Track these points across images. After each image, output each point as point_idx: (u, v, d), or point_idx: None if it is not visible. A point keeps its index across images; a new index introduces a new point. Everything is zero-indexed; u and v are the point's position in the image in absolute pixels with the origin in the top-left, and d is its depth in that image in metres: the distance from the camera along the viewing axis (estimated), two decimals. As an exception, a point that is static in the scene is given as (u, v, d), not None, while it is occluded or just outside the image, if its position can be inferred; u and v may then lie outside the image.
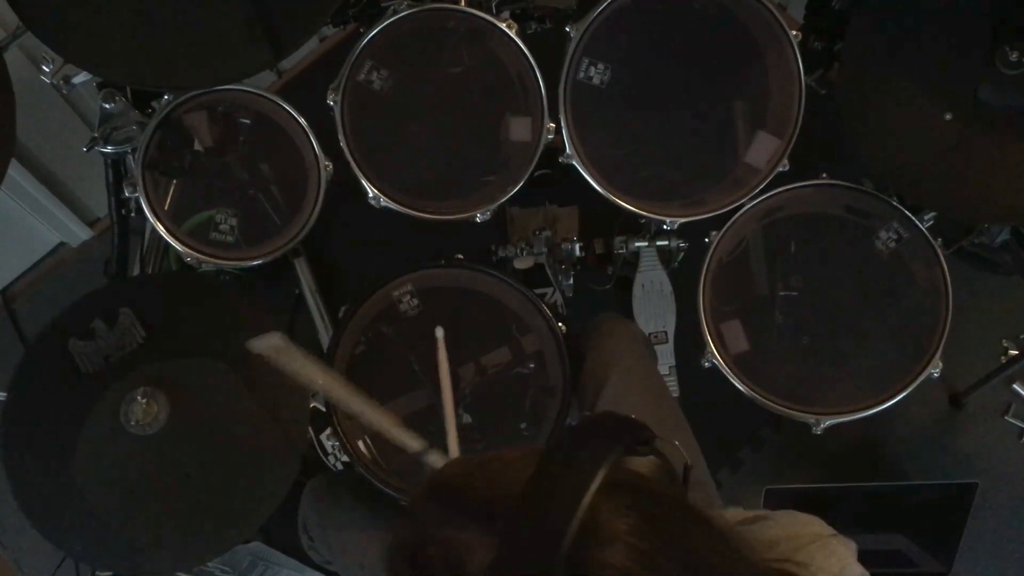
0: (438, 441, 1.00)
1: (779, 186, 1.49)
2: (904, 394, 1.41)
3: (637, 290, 1.86)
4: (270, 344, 0.86)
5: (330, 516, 1.40)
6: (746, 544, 0.62)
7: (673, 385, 1.80)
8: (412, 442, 0.95)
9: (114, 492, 1.22)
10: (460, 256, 1.45)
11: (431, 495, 0.63)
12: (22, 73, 1.49)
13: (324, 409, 1.41)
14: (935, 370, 1.41)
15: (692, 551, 0.56)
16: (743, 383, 1.45)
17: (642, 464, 0.60)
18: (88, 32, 1.25)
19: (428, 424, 1.32)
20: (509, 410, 1.44)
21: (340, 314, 1.44)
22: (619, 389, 1.31)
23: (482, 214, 1.49)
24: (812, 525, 0.80)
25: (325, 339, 1.80)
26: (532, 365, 1.45)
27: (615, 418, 0.62)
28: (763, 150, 1.50)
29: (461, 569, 0.56)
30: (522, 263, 1.76)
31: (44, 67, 1.36)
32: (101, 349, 1.26)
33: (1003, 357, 1.91)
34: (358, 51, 1.47)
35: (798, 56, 1.45)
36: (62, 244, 2.12)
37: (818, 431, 1.43)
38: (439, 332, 1.13)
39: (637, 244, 1.79)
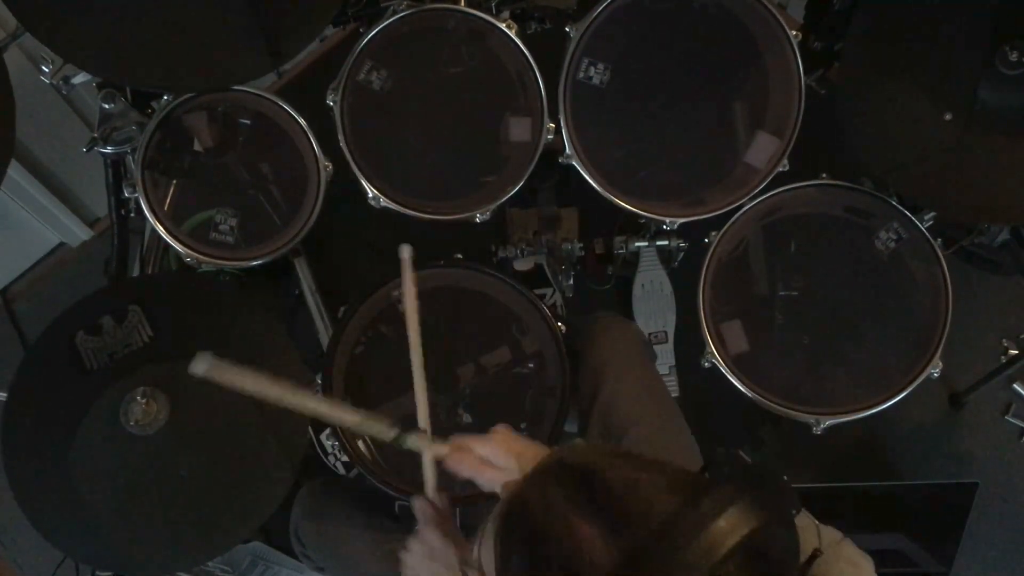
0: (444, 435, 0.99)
1: (779, 186, 1.49)
2: (904, 394, 1.41)
3: (637, 290, 1.86)
4: (204, 364, 0.82)
5: (322, 523, 1.40)
6: None
7: (673, 385, 1.80)
8: (385, 429, 0.94)
9: (114, 492, 1.22)
10: (460, 256, 1.45)
11: (567, 474, 0.63)
12: (22, 73, 1.49)
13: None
14: (935, 370, 1.41)
15: None
16: (743, 383, 1.45)
17: (776, 536, 0.60)
18: (88, 32, 1.25)
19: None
20: (509, 410, 1.44)
21: (340, 314, 1.44)
22: (617, 390, 1.31)
23: (482, 214, 1.49)
24: (833, 537, 0.80)
25: (325, 339, 1.80)
26: (532, 365, 1.45)
27: (778, 483, 0.61)
28: (763, 150, 1.50)
29: (578, 560, 0.57)
30: (522, 264, 1.76)
31: (44, 67, 1.36)
32: (107, 346, 1.26)
33: (1003, 357, 1.91)
34: (358, 51, 1.47)
35: (798, 56, 1.44)
36: (62, 244, 2.12)
37: (818, 431, 1.43)
38: (405, 252, 0.99)
39: (637, 244, 1.79)
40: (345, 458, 1.73)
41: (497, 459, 0.92)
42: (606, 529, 0.57)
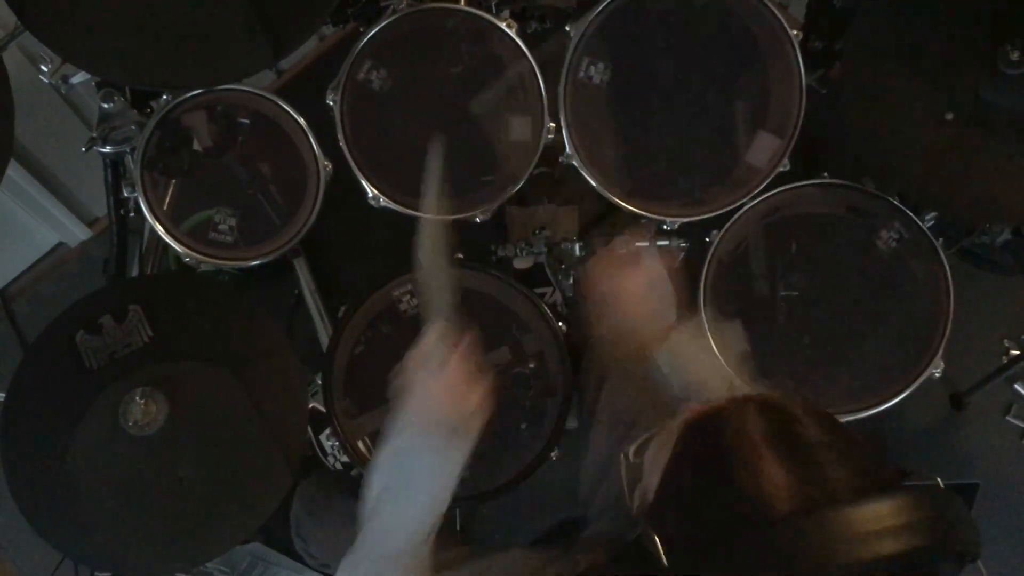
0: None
1: (780, 186, 1.48)
2: (905, 394, 1.41)
3: (637, 290, 1.85)
4: None
5: (323, 517, 1.39)
6: None
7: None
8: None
9: (112, 493, 1.22)
10: (460, 256, 1.45)
11: (772, 413, 0.63)
12: (20, 73, 1.49)
13: (323, 409, 1.41)
14: (936, 370, 1.41)
15: None
16: (743, 383, 1.44)
17: (926, 564, 0.59)
18: (86, 31, 1.25)
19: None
20: (509, 410, 1.44)
21: (340, 314, 1.44)
22: (621, 385, 1.31)
23: (482, 214, 1.49)
24: None
25: (325, 339, 1.79)
26: (532, 365, 1.44)
27: (962, 518, 0.60)
28: (764, 150, 1.50)
29: (756, 489, 0.57)
30: (522, 263, 1.76)
31: (42, 67, 1.36)
32: (107, 345, 1.26)
33: (1004, 357, 1.90)
34: (357, 51, 1.47)
35: (799, 55, 1.44)
36: (61, 244, 2.11)
37: (819, 431, 1.42)
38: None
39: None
40: (345, 458, 1.73)
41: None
42: (792, 477, 0.58)
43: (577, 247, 1.78)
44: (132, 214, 1.61)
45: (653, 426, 1.25)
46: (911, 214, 1.46)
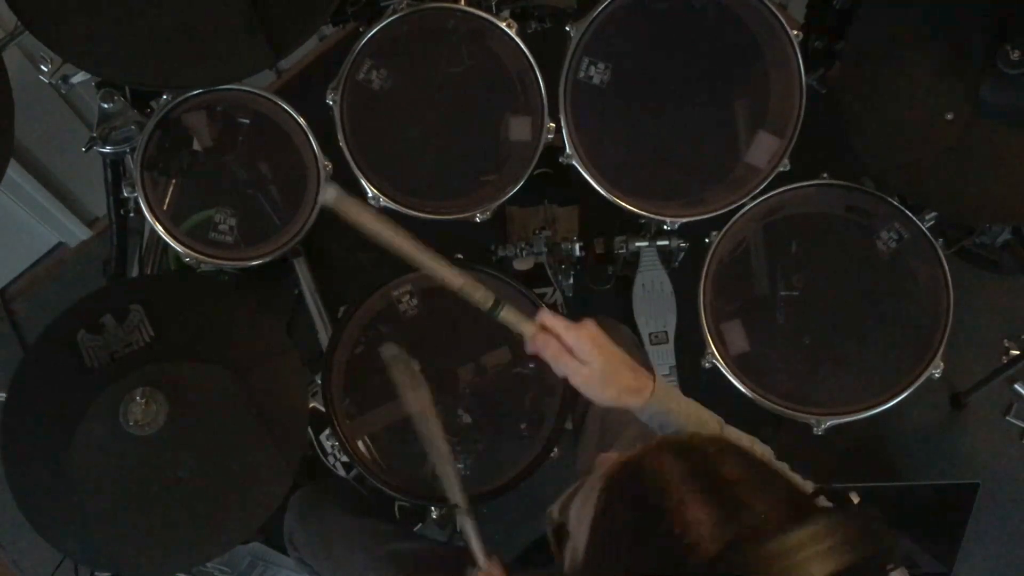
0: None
1: (780, 186, 1.48)
2: (905, 394, 1.41)
3: (637, 290, 1.85)
4: (333, 193, 0.87)
5: (315, 526, 1.39)
6: None
7: (673, 386, 1.80)
8: (483, 299, 0.94)
9: (113, 493, 1.22)
10: (460, 256, 1.45)
11: (687, 455, 0.63)
12: (20, 73, 1.49)
13: (323, 409, 1.41)
14: (936, 370, 1.41)
15: None
16: (744, 383, 1.44)
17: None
18: (86, 32, 1.25)
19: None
20: (509, 410, 1.44)
21: (340, 314, 1.44)
22: None
23: (482, 214, 1.49)
24: None
25: (325, 339, 1.79)
26: (532, 365, 1.44)
27: (882, 532, 0.61)
28: (764, 150, 1.50)
29: (682, 534, 0.58)
30: (522, 263, 1.76)
31: (42, 66, 1.36)
32: (108, 344, 1.26)
33: (1004, 357, 1.90)
34: (357, 50, 1.47)
35: (799, 55, 1.44)
36: (61, 244, 2.11)
37: (819, 432, 1.43)
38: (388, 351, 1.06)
39: (637, 244, 1.79)
40: (345, 458, 1.73)
41: (582, 350, 0.91)
42: (716, 517, 0.58)
43: (577, 247, 1.78)
44: (132, 214, 1.61)
45: (639, 441, 1.25)
46: (911, 214, 1.46)
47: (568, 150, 1.47)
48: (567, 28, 1.46)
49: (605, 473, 0.66)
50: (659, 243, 1.78)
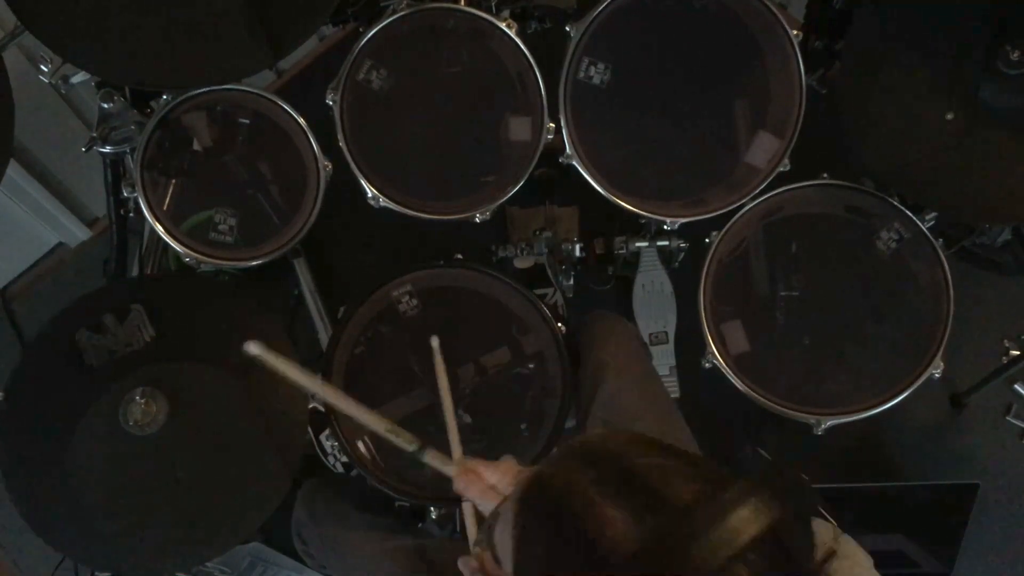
0: (439, 441, 1.00)
1: (780, 186, 1.48)
2: (905, 394, 1.41)
3: (637, 290, 1.85)
4: (257, 348, 0.90)
5: (324, 520, 1.39)
6: None
7: (673, 385, 1.80)
8: (406, 443, 0.96)
9: (112, 493, 1.22)
10: (460, 256, 1.45)
11: (591, 458, 0.63)
12: (20, 73, 1.49)
13: (323, 410, 1.41)
14: (936, 370, 1.41)
15: None
16: (743, 383, 1.44)
17: (791, 532, 0.60)
18: (86, 32, 1.25)
19: (428, 424, 1.32)
20: (509, 410, 1.44)
21: (340, 314, 1.44)
22: (617, 388, 1.31)
23: (482, 214, 1.49)
24: (828, 533, 0.81)
25: (325, 339, 1.79)
26: (532, 365, 1.44)
27: (798, 480, 0.62)
28: (763, 150, 1.50)
29: (599, 539, 0.57)
30: (522, 263, 1.76)
31: (42, 66, 1.36)
32: (108, 344, 1.26)
33: (1004, 357, 1.90)
34: (357, 50, 1.47)
35: (799, 56, 1.44)
36: (60, 244, 2.11)
37: (819, 431, 1.43)
38: (435, 342, 1.12)
39: (637, 244, 1.79)
40: (345, 459, 1.73)
41: (505, 488, 0.93)
42: (631, 513, 0.57)
43: (577, 247, 1.78)
44: (132, 214, 1.61)
45: (652, 429, 1.26)
46: (911, 214, 1.46)
47: (568, 150, 1.47)
48: (567, 28, 1.46)
49: (518, 496, 0.65)
50: (659, 243, 1.78)
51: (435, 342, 1.12)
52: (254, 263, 1.51)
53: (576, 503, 0.60)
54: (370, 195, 1.48)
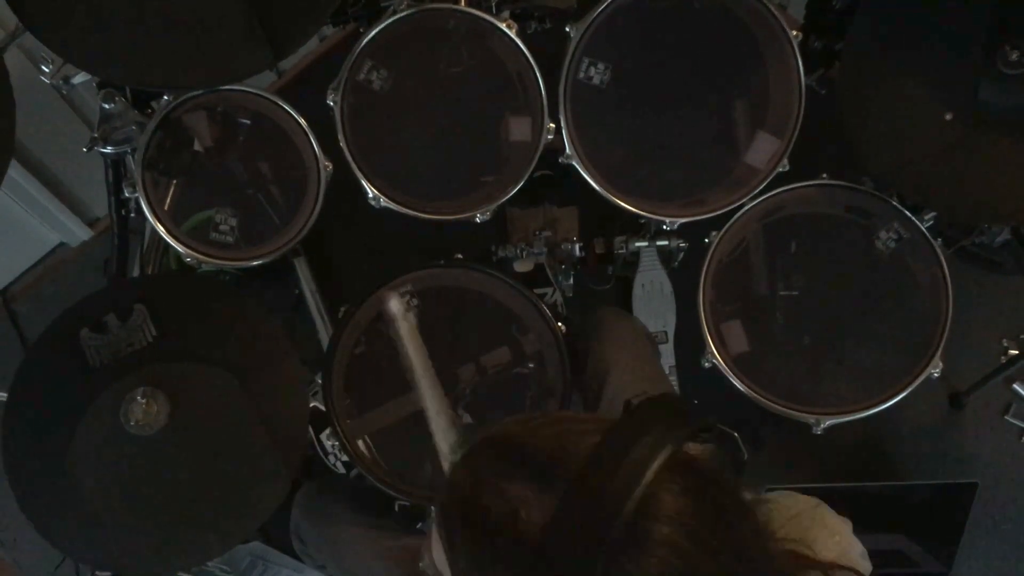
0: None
1: (779, 186, 1.49)
2: (904, 394, 1.41)
3: (637, 290, 1.86)
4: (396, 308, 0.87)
5: (323, 521, 1.40)
6: (773, 535, 0.65)
7: (673, 385, 1.80)
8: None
9: (114, 492, 1.22)
10: (460, 256, 1.45)
11: (491, 447, 0.63)
12: (22, 73, 1.49)
13: (324, 409, 1.41)
14: (935, 370, 1.41)
15: (734, 537, 0.59)
16: (743, 383, 1.45)
17: (702, 450, 0.61)
18: (87, 32, 1.25)
19: (428, 424, 1.32)
20: (509, 410, 1.44)
21: (340, 314, 1.44)
22: (622, 385, 1.31)
23: (482, 214, 1.49)
24: (808, 503, 0.82)
25: (325, 339, 1.79)
26: (532, 365, 1.44)
27: (683, 403, 0.63)
28: (763, 150, 1.50)
29: (515, 521, 0.57)
30: (522, 267, 1.76)
31: (43, 67, 1.36)
32: (111, 343, 1.26)
33: (1003, 357, 1.91)
34: (358, 51, 1.47)
35: (798, 56, 1.44)
36: (62, 244, 2.12)
37: (819, 431, 1.43)
38: (393, 305, 1.04)
39: (637, 244, 1.79)
40: (345, 458, 1.73)
41: None
42: (534, 484, 0.58)
43: (577, 247, 1.78)
44: (133, 214, 1.61)
45: None
46: (910, 214, 1.46)
47: (568, 150, 1.47)
48: (567, 28, 1.46)
49: (437, 511, 0.66)
50: (659, 243, 1.79)
51: (393, 305, 1.04)
52: (255, 263, 1.51)
53: (482, 492, 0.60)
54: (371, 195, 1.48)
